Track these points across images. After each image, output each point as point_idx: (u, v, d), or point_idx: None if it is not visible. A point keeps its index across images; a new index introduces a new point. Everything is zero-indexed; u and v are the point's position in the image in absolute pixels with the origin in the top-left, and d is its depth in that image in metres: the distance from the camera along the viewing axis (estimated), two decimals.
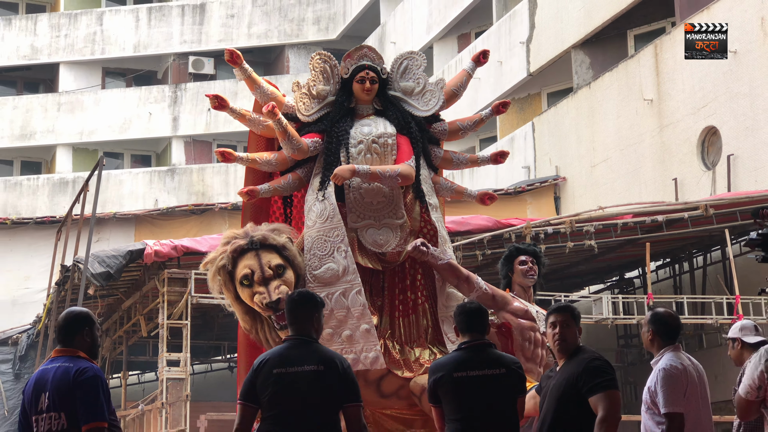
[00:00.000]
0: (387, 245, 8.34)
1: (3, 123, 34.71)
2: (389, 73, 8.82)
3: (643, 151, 22.06)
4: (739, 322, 8.26)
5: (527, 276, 8.66)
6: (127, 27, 35.83)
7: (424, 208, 8.57)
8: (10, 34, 35.66)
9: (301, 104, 8.53)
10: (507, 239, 17.19)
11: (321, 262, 8.20)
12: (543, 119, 25.75)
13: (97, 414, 6.16)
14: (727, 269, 18.64)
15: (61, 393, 6.20)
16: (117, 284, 18.56)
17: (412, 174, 8.36)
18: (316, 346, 6.70)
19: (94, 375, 6.24)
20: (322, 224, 8.26)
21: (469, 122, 8.93)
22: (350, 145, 8.45)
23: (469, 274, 8.33)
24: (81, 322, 6.47)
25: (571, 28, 24.89)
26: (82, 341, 6.41)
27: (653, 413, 6.92)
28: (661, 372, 6.92)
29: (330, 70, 8.71)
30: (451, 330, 8.15)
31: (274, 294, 7.87)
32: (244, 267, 8.01)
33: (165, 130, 34.99)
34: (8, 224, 25.54)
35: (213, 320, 19.64)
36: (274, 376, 6.51)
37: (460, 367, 6.74)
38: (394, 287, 8.48)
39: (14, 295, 25.07)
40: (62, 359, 6.34)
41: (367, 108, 8.70)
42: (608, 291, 21.86)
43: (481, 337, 6.90)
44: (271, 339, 8.19)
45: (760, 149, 19.16)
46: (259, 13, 35.99)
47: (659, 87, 21.69)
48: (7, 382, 21.80)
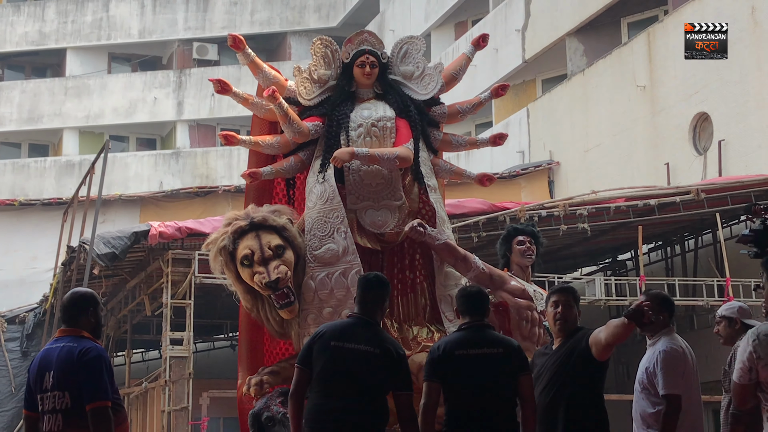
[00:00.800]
0: (385, 226, 8.30)
1: (11, 107, 34.70)
2: (389, 57, 8.77)
3: (635, 137, 22.02)
4: (736, 302, 8.13)
5: (525, 255, 8.57)
6: (132, 13, 35.78)
7: (422, 189, 8.51)
8: (19, 21, 35.63)
9: (302, 88, 8.51)
10: (502, 222, 17.18)
11: (321, 243, 8.17)
12: (538, 105, 25.71)
13: (101, 393, 6.12)
14: (717, 252, 18.60)
15: (65, 372, 6.16)
16: (122, 264, 18.53)
17: (410, 156, 8.31)
18: (377, 329, 6.86)
19: (98, 355, 6.21)
20: (323, 206, 8.23)
21: (468, 105, 8.87)
22: (350, 128, 8.41)
23: (466, 254, 8.27)
24: (86, 302, 6.44)
25: (566, 16, 24.84)
26: (87, 321, 6.38)
27: (649, 393, 6.88)
28: (662, 354, 6.87)
29: (331, 54, 8.68)
30: (449, 309, 8.19)
31: (273, 274, 7.86)
32: (245, 247, 8.00)
33: (170, 115, 34.97)
34: (16, 205, 25.52)
35: (216, 300, 19.59)
36: (330, 348, 6.69)
37: (461, 346, 6.77)
38: (393, 267, 8.46)
39: (22, 275, 25.04)
40: (67, 339, 6.31)
41: (367, 92, 8.66)
42: (601, 273, 21.82)
43: (480, 319, 6.92)
44: (271, 318, 8.18)
45: (750, 135, 19.12)
46: (261, 1, 35.98)
47: (652, 74, 21.63)
48: (14, 360, 21.79)
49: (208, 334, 24.33)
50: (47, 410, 6.20)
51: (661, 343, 6.96)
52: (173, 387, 17.36)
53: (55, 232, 22.81)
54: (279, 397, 7.83)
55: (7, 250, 25.03)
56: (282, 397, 7.79)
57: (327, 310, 7.95)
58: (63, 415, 6.15)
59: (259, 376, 8.03)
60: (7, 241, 25.08)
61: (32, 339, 22.00)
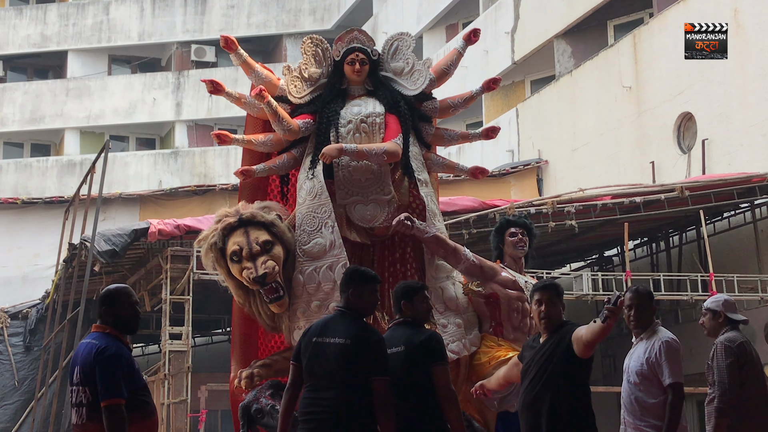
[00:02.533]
0: (375, 220, 8.27)
1: (14, 107, 34.66)
2: (380, 54, 8.72)
3: (621, 136, 22.02)
4: (723, 296, 8.11)
5: (517, 247, 8.50)
6: (132, 16, 35.73)
7: (413, 183, 8.45)
8: (22, 23, 35.57)
9: (292, 87, 8.49)
10: (492, 219, 17.17)
11: (310, 238, 8.15)
12: (526, 105, 25.70)
13: (114, 391, 6.09)
14: (701, 248, 18.62)
15: (85, 369, 6.18)
16: (122, 261, 18.51)
17: (398, 151, 8.25)
18: (355, 320, 6.80)
19: (113, 353, 6.18)
20: (311, 201, 8.20)
21: (460, 99, 8.80)
22: (340, 125, 8.36)
23: (456, 246, 8.20)
24: (111, 298, 6.42)
25: (554, 19, 24.84)
26: (113, 317, 6.36)
27: (649, 384, 6.84)
28: (664, 345, 6.85)
29: (322, 53, 8.67)
30: (439, 301, 8.14)
31: (261, 269, 7.84)
32: (234, 243, 7.99)
33: (168, 115, 34.94)
34: (19, 204, 25.45)
35: (213, 295, 19.53)
36: (312, 344, 6.72)
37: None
38: (384, 260, 8.42)
39: (24, 271, 25.01)
40: (94, 335, 6.31)
41: (358, 89, 8.62)
42: (588, 268, 21.82)
43: (404, 317, 7.04)
44: (263, 312, 8.18)
45: (732, 134, 19.14)
46: (258, 4, 35.92)
47: (637, 75, 21.64)
48: (17, 354, 21.76)
49: (206, 329, 24.32)
50: (75, 403, 6.23)
51: (661, 334, 6.95)
52: (172, 380, 17.35)
53: (57, 230, 22.76)
54: (268, 390, 7.82)
55: (10, 248, 24.97)
56: (272, 390, 7.79)
57: (315, 303, 7.94)
58: (86, 409, 6.16)
59: (251, 369, 8.01)
60: (10, 239, 25.02)
61: (35, 334, 21.95)
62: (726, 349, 7.60)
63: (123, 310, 6.40)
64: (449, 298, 8.27)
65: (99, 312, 6.42)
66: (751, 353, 7.70)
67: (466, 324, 8.25)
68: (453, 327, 8.15)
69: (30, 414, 20.80)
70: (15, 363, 21.59)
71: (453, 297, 8.31)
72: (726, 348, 7.60)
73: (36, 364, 21.39)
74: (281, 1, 35.91)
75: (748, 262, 18.17)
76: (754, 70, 18.75)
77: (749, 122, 18.78)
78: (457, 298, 8.33)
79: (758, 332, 16.22)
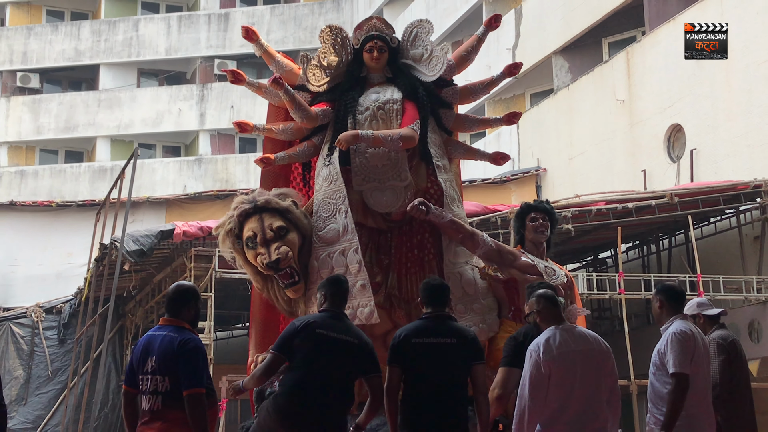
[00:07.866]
0: (391, 206, 7.97)
1: (50, 117, 34.73)
2: (400, 41, 8.41)
3: (615, 146, 21.97)
4: (695, 299, 7.99)
5: (537, 232, 8.07)
6: (159, 33, 35.75)
7: (431, 169, 8.12)
8: (57, 39, 35.63)
9: (310, 75, 8.20)
10: (494, 223, 17.16)
11: (325, 223, 7.90)
12: (526, 117, 25.64)
13: (197, 381, 6.07)
14: (689, 251, 18.55)
15: (166, 359, 6.11)
16: (149, 260, 18.52)
17: (414, 136, 7.91)
18: (347, 321, 6.74)
19: (196, 346, 6.16)
20: (327, 187, 7.95)
21: (481, 84, 8.52)
22: (358, 112, 8.07)
23: (474, 231, 7.86)
24: (189, 295, 6.37)
25: (553, 36, 24.80)
26: (188, 313, 6.31)
27: (662, 374, 6.73)
28: (672, 336, 6.73)
29: (341, 41, 8.36)
30: (458, 287, 7.83)
31: (274, 254, 7.67)
32: (248, 230, 7.82)
33: (193, 125, 34.93)
34: (54, 207, 25.49)
35: (234, 293, 19.55)
36: (317, 335, 6.48)
37: (418, 335, 6.60)
38: (402, 245, 8.11)
39: (59, 270, 25.01)
40: (169, 328, 6.24)
41: (378, 76, 8.33)
42: (583, 269, 21.73)
43: (441, 310, 6.73)
44: (280, 297, 8.00)
45: (719, 144, 19.09)
46: (276, 22, 35.90)
47: (630, 89, 21.58)
48: (51, 347, 21.77)
49: (227, 324, 24.28)
50: (148, 391, 6.16)
51: (673, 326, 6.81)
52: None
53: (89, 231, 22.77)
54: (282, 374, 7.76)
55: (46, 247, 25.01)
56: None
57: None
58: (162, 396, 6.10)
59: (268, 353, 7.94)
60: (46, 239, 25.06)
61: (68, 328, 21.96)
62: (719, 346, 7.60)
63: (195, 308, 6.38)
64: (468, 282, 7.93)
65: (173, 307, 6.30)
66: (740, 350, 7.76)
67: (485, 308, 7.92)
68: (470, 314, 7.85)
69: (63, 402, 20.82)
70: (49, 355, 21.60)
71: (471, 281, 7.96)
72: (719, 345, 7.61)
73: (69, 356, 21.40)
74: (298, 19, 35.92)
75: (733, 264, 18.11)
76: (740, 85, 18.69)
77: (735, 133, 18.73)
78: (476, 283, 7.98)
79: (742, 330, 16.23)
